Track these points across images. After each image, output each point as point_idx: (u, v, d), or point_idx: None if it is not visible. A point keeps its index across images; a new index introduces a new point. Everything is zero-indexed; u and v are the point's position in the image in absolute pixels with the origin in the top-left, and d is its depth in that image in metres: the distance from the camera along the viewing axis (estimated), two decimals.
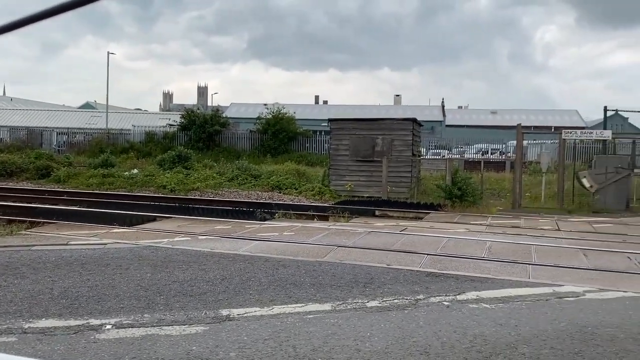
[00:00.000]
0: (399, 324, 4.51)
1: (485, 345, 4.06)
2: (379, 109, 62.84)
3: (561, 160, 15.23)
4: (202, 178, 19.14)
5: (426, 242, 8.44)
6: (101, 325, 4.39)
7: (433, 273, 6.41)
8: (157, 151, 28.57)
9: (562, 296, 5.50)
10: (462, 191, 14.40)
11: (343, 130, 17.35)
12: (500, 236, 9.44)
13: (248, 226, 10.14)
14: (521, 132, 15.11)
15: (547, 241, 8.95)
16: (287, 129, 31.12)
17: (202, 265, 6.68)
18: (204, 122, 31.35)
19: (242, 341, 4.06)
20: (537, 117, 59.34)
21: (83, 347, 3.90)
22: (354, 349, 3.92)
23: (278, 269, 6.53)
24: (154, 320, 4.53)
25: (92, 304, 5.00)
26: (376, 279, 6.09)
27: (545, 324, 4.57)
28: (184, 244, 8.14)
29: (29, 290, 5.41)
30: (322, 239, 8.64)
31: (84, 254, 7.28)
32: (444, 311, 4.91)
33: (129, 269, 6.41)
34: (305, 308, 4.95)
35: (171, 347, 3.92)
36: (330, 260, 7.09)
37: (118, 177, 19.51)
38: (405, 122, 17.33)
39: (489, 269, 6.69)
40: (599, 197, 14.15)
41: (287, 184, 18.19)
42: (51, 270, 6.29)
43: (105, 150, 28.27)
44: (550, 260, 7.20)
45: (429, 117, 55.71)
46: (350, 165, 17.03)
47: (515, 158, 15.88)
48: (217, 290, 5.51)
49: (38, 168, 21.31)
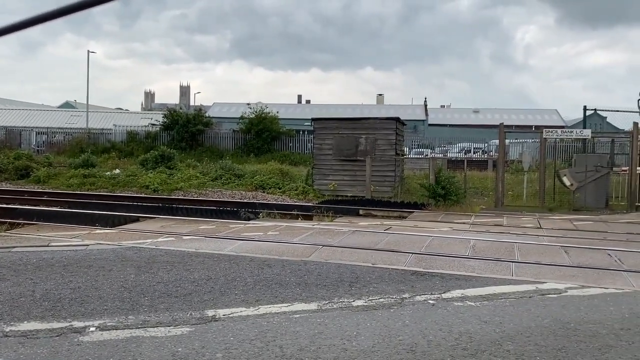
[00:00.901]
0: (385, 322, 4.53)
1: (470, 342, 4.09)
2: (362, 108, 63.01)
3: (542, 159, 15.42)
4: (185, 178, 19.01)
5: (411, 241, 8.48)
6: (85, 327, 4.34)
7: (418, 272, 6.45)
8: (139, 151, 28.33)
9: (545, 293, 5.57)
10: (445, 190, 14.49)
11: (326, 130, 17.35)
12: (484, 234, 9.53)
13: (232, 226, 10.10)
14: (503, 131, 15.26)
15: (530, 239, 9.05)
16: (270, 129, 31.07)
17: (187, 265, 6.63)
18: (187, 121, 31.16)
19: (228, 342, 4.04)
20: (519, 117, 59.97)
21: (67, 350, 3.85)
22: (340, 348, 3.93)
23: (263, 268, 6.51)
24: (138, 322, 4.48)
25: (75, 306, 4.93)
26: (362, 278, 6.10)
27: (529, 321, 4.62)
28: (168, 244, 8.07)
29: (10, 293, 5.31)
30: (307, 239, 8.63)
31: (65, 255, 7.17)
32: (430, 309, 4.94)
33: (112, 270, 6.33)
34: (291, 308, 4.94)
35: (156, 349, 3.88)
36: (315, 259, 7.09)
37: (99, 178, 19.28)
38: (388, 121, 17.39)
39: (474, 267, 6.75)
40: (579, 195, 14.35)
41: (271, 184, 18.15)
42: (32, 272, 6.19)
43: (86, 150, 27.96)
44: (533, 258, 7.29)
45: (412, 117, 56.04)
46: (334, 164, 17.04)
47: (497, 157, 16.03)
48: (202, 291, 5.48)
49: (17, 168, 20.98)
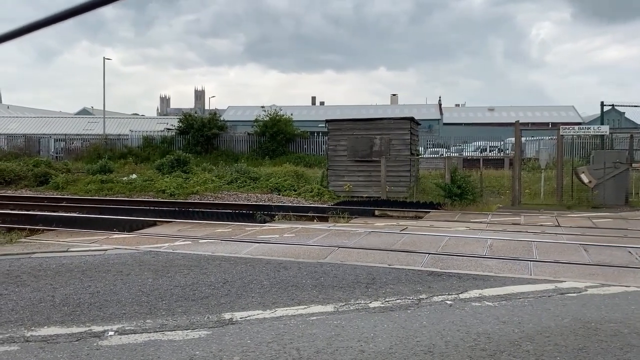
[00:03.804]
0: (402, 324, 4.50)
1: (489, 343, 4.05)
2: (375, 108, 62.90)
3: (559, 156, 15.24)
4: (201, 182, 19.12)
5: (427, 241, 8.44)
6: (104, 331, 4.38)
7: (435, 272, 6.41)
8: (155, 156, 28.57)
9: (565, 292, 5.50)
10: (461, 189, 14.40)
11: (340, 131, 17.35)
12: (501, 233, 9.44)
13: (248, 229, 10.13)
14: (519, 129, 15.12)
15: (548, 237, 8.95)
16: (285, 131, 31.13)
17: (204, 269, 6.67)
18: (202, 125, 31.35)
19: (245, 345, 4.05)
20: (534, 114, 59.41)
21: (86, 354, 3.89)
22: (358, 350, 3.91)
23: (279, 271, 6.52)
24: (156, 326, 4.51)
25: (94, 310, 4.98)
26: (378, 279, 6.08)
27: (549, 321, 4.56)
28: (184, 248, 8.12)
29: (30, 298, 5.39)
30: (323, 240, 8.63)
31: (84, 260, 7.26)
32: (447, 310, 4.90)
33: (130, 274, 6.39)
34: (307, 310, 4.93)
35: (174, 353, 3.90)
36: (331, 261, 7.08)
37: (117, 183, 19.47)
38: (403, 121, 17.35)
39: (491, 267, 6.69)
40: (598, 192, 14.16)
41: (286, 186, 18.18)
42: (52, 277, 6.27)
43: (103, 155, 28.24)
44: (551, 257, 7.20)
45: (427, 116, 55.81)
46: (349, 165, 17.03)
47: (513, 155, 15.88)
48: (219, 294, 5.50)
49: (36, 175, 21.26)
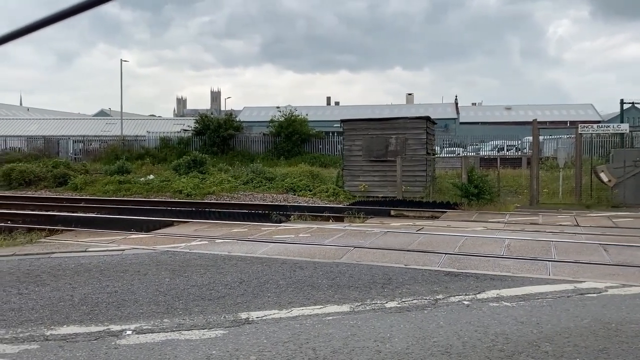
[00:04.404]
0: (419, 324, 4.48)
1: (507, 344, 4.01)
2: (391, 108, 62.67)
3: (578, 155, 15.04)
4: (217, 182, 19.23)
5: (444, 241, 8.38)
6: (121, 331, 4.42)
7: (452, 272, 6.36)
8: (172, 156, 28.76)
9: (584, 293, 5.42)
10: (478, 189, 14.28)
11: (356, 131, 17.32)
12: (519, 233, 9.35)
13: (264, 229, 10.16)
14: (537, 127, 14.96)
15: (567, 237, 8.83)
16: (300, 131, 31.15)
17: (220, 268, 6.70)
18: (218, 126, 31.50)
19: (261, 344, 4.06)
20: (552, 112, 58.73)
21: (104, 353, 3.92)
22: (374, 350, 3.90)
23: (295, 270, 6.53)
24: (173, 325, 4.54)
25: (112, 309, 5.03)
26: (394, 279, 6.05)
27: (568, 322, 4.50)
28: (201, 248, 8.17)
29: (50, 298, 5.46)
30: (338, 240, 8.61)
31: (102, 260, 7.33)
32: (464, 310, 4.86)
33: (148, 274, 6.44)
34: (323, 310, 4.93)
35: (191, 352, 3.92)
36: (347, 261, 7.07)
37: (134, 183, 19.66)
38: (418, 120, 17.26)
39: (509, 267, 6.62)
40: (618, 191, 13.94)
41: (301, 186, 18.20)
42: (71, 277, 6.35)
43: (120, 156, 28.51)
44: (570, 257, 7.11)
45: (443, 115, 55.43)
46: (364, 165, 16.99)
47: (531, 154, 15.71)
48: (235, 294, 5.52)
49: (55, 176, 21.55)
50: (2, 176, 21.70)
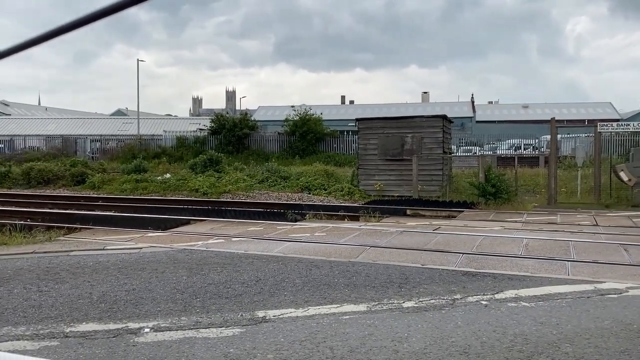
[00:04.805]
0: (436, 324, 4.45)
1: (526, 344, 3.96)
2: (406, 106, 62.32)
3: (597, 153, 14.84)
4: (233, 181, 19.30)
5: (461, 241, 8.32)
6: (140, 328, 4.45)
7: (469, 272, 6.31)
8: (188, 155, 28.95)
9: (604, 293, 5.35)
10: (496, 188, 14.15)
11: (371, 130, 17.26)
12: (537, 233, 9.25)
13: (280, 227, 10.17)
14: (555, 126, 14.78)
15: (586, 237, 8.72)
16: (315, 130, 31.16)
17: (237, 267, 6.72)
18: (233, 125, 31.64)
19: (278, 343, 4.06)
20: (570, 111, 58.00)
21: (123, 350, 3.96)
22: (392, 350, 3.88)
23: (311, 269, 6.52)
24: (191, 323, 4.57)
25: (130, 307, 5.07)
26: (411, 279, 6.02)
27: (588, 322, 4.44)
28: (217, 246, 8.20)
29: (69, 295, 5.52)
30: (354, 239, 8.60)
31: (120, 258, 7.40)
32: (482, 310, 4.82)
33: (165, 272, 6.49)
34: (340, 309, 4.92)
35: (209, 350, 3.94)
36: (363, 260, 7.05)
37: (151, 182, 19.80)
38: (435, 119, 17.14)
39: (527, 267, 6.55)
40: (638, 190, 13.73)
41: (316, 185, 18.20)
42: (89, 275, 6.41)
43: (137, 155, 28.75)
44: (589, 257, 7.02)
45: (459, 114, 54.96)
46: (380, 164, 16.93)
47: (549, 153, 15.53)
48: (252, 292, 5.53)
49: (73, 175, 21.80)
50: (22, 175, 22.02)
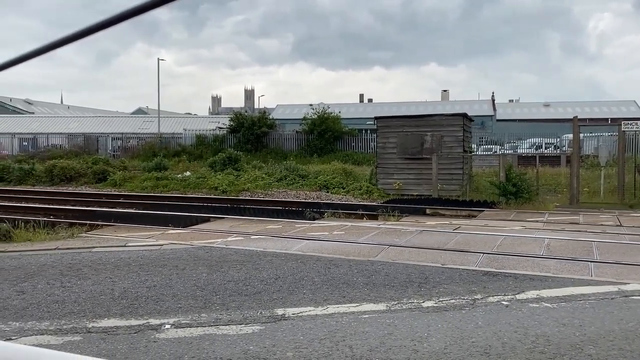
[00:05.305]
0: (456, 324, 4.41)
1: (548, 346, 3.91)
2: (425, 105, 61.90)
3: (621, 152, 14.58)
4: (251, 179, 19.38)
5: (481, 241, 8.25)
6: (160, 325, 4.49)
7: (490, 272, 6.25)
8: (207, 154, 29.13)
9: (629, 295, 5.25)
10: (516, 188, 13.99)
11: (390, 128, 17.18)
12: (559, 233, 9.12)
13: (298, 225, 10.18)
14: (577, 124, 14.56)
15: (609, 237, 8.58)
16: (333, 129, 31.12)
17: (256, 264, 6.74)
18: (252, 124, 31.77)
19: (298, 341, 4.06)
20: (593, 109, 57.08)
21: (144, 346, 4.00)
22: (411, 350, 3.86)
23: (330, 268, 6.52)
24: (211, 320, 4.60)
25: (151, 304, 5.12)
26: (431, 278, 5.98)
27: (612, 324, 4.36)
28: (237, 243, 8.24)
29: (91, 291, 5.59)
30: (373, 238, 8.57)
31: (141, 255, 7.48)
32: (503, 311, 4.77)
33: (185, 269, 6.54)
34: (359, 308, 4.91)
35: (229, 347, 3.96)
36: (382, 259, 7.02)
37: (171, 180, 19.98)
38: (455, 117, 16.98)
39: (549, 267, 6.47)
40: None
41: (335, 184, 18.18)
42: (111, 271, 6.49)
43: (158, 154, 29.03)
44: (613, 258, 6.90)
45: (479, 112, 54.38)
46: (398, 163, 16.84)
47: (571, 152, 15.31)
48: (271, 290, 5.55)
49: (95, 173, 22.08)
50: (45, 172, 22.38)
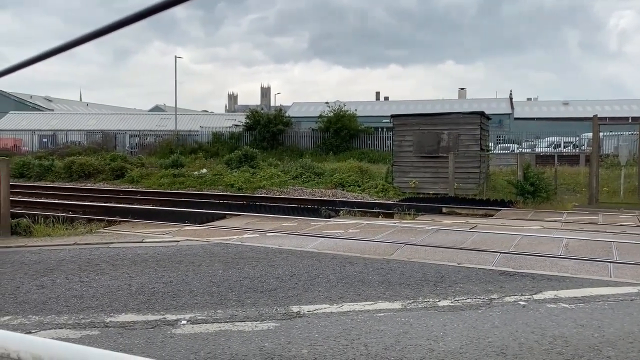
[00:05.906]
0: (473, 323, 4.38)
1: (566, 347, 3.87)
2: (442, 103, 61.53)
3: None
4: (267, 176, 19.44)
5: (498, 240, 8.18)
6: (177, 320, 4.53)
7: (507, 272, 6.19)
8: (224, 151, 29.27)
9: None
10: (534, 187, 13.85)
11: (406, 126, 17.10)
12: (578, 233, 9.01)
13: (313, 223, 10.19)
14: (597, 123, 14.36)
15: (629, 238, 8.45)
16: (349, 127, 31.09)
17: (271, 261, 6.76)
18: (268, 122, 31.88)
19: (313, 338, 4.07)
20: (613, 108, 56.31)
21: (161, 341, 4.03)
22: (427, 349, 3.84)
23: (345, 266, 6.51)
24: (226, 316, 4.62)
25: (167, 299, 5.16)
26: (447, 277, 5.95)
27: (632, 326, 4.30)
28: (252, 240, 8.28)
29: (109, 286, 5.66)
30: (389, 237, 8.54)
31: (158, 251, 7.54)
32: (520, 311, 4.72)
33: (201, 265, 6.58)
34: (375, 306, 4.90)
35: (244, 343, 3.97)
36: (398, 258, 7.00)
37: (188, 177, 20.14)
38: (472, 115, 16.85)
39: (567, 268, 6.39)
40: None
41: (350, 182, 18.16)
42: (128, 266, 6.56)
43: (175, 151, 29.26)
44: (633, 258, 6.79)
45: (497, 110, 53.91)
46: (415, 161, 16.76)
47: (590, 151, 15.10)
48: (286, 287, 5.56)
49: (113, 169, 22.33)
50: (64, 169, 22.69)
